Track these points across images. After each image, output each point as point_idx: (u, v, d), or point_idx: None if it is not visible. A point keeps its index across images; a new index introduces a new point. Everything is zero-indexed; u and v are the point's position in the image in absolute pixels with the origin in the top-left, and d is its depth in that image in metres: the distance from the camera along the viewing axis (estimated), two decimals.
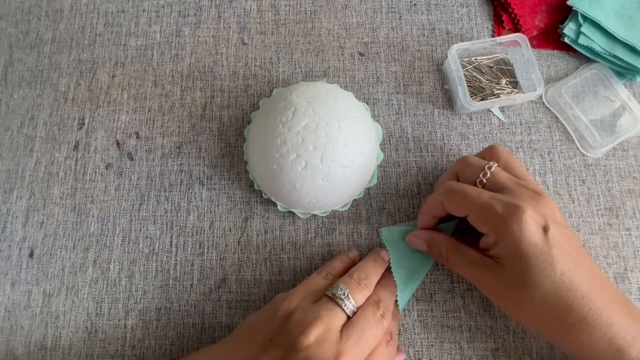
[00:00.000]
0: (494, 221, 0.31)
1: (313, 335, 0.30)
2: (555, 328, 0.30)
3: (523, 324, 0.36)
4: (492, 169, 0.34)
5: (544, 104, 0.43)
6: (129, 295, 0.39)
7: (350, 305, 0.32)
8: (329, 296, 0.32)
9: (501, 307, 0.35)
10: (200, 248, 0.40)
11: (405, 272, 0.38)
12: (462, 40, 0.45)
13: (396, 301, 0.36)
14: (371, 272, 0.35)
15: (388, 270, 0.37)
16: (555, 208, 0.32)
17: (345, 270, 0.36)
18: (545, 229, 0.30)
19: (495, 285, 0.32)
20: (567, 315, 0.29)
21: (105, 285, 0.40)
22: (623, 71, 0.43)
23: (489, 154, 0.36)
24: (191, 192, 0.42)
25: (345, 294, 0.32)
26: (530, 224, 0.30)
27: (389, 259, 0.37)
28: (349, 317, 0.32)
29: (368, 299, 0.33)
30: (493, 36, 0.46)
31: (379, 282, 0.35)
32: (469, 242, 0.35)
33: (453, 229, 0.38)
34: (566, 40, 0.44)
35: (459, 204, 0.33)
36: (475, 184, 0.34)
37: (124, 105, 0.45)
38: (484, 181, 0.34)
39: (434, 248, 0.36)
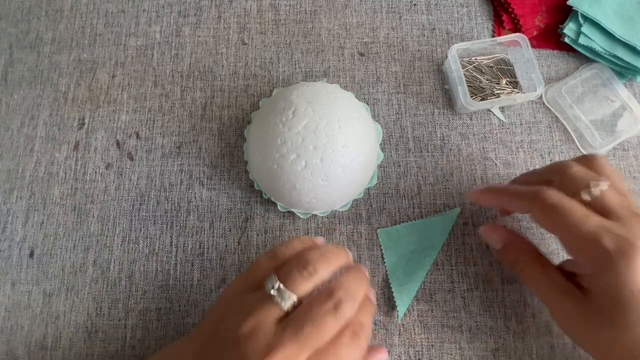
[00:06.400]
0: (598, 254, 0.27)
1: (246, 328, 0.26)
2: None
3: (595, 356, 0.30)
4: (604, 189, 0.29)
5: (544, 104, 0.43)
6: (129, 295, 0.39)
7: (286, 298, 0.27)
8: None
9: (574, 339, 0.31)
10: (200, 248, 0.40)
11: (404, 274, 0.38)
12: (462, 40, 0.45)
13: (392, 293, 0.36)
14: (326, 257, 0.29)
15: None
16: None
17: None
18: None
19: (575, 317, 0.29)
20: None
21: (105, 285, 0.40)
22: (623, 71, 0.43)
23: (591, 164, 0.31)
24: (191, 192, 0.42)
25: (276, 287, 0.27)
26: (637, 266, 0.26)
27: (384, 261, 0.37)
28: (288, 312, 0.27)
29: (326, 287, 0.28)
30: (493, 36, 0.45)
31: (348, 269, 0.30)
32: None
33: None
34: (566, 40, 0.44)
35: (557, 222, 0.29)
36: (577, 198, 0.29)
37: (124, 105, 0.45)
38: (589, 199, 0.29)
39: (510, 253, 0.32)
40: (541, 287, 0.31)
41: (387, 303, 0.38)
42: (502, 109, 0.43)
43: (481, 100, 0.42)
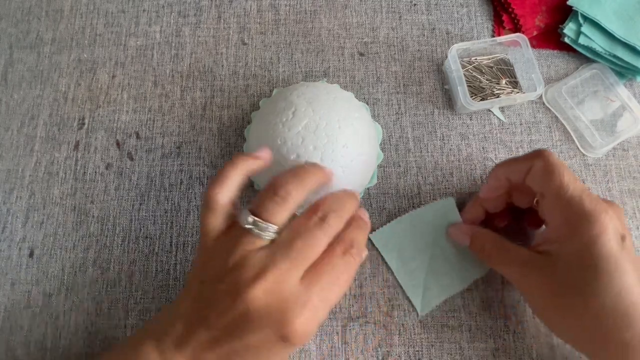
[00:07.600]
0: (576, 214, 0.29)
1: (232, 261, 0.26)
2: (605, 345, 0.28)
3: (566, 337, 0.32)
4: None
5: (544, 104, 0.43)
6: (129, 295, 0.39)
7: (264, 229, 0.27)
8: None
9: (543, 316, 0.32)
10: None
11: (408, 270, 0.38)
12: (462, 40, 0.45)
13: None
14: (298, 176, 0.29)
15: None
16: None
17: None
18: (623, 238, 0.29)
19: (543, 288, 0.30)
20: (624, 330, 0.27)
21: (105, 285, 0.40)
22: (623, 71, 0.43)
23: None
24: (191, 192, 0.42)
25: (250, 220, 0.27)
26: (612, 229, 0.28)
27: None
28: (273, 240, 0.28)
29: (310, 205, 0.29)
30: (493, 36, 0.46)
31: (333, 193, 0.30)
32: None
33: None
34: (566, 40, 0.44)
35: (552, 179, 0.30)
36: None
37: (124, 105, 0.45)
38: None
39: (477, 243, 0.35)
40: (508, 266, 0.32)
41: (387, 303, 0.38)
42: (502, 109, 0.43)
43: (481, 100, 0.42)
